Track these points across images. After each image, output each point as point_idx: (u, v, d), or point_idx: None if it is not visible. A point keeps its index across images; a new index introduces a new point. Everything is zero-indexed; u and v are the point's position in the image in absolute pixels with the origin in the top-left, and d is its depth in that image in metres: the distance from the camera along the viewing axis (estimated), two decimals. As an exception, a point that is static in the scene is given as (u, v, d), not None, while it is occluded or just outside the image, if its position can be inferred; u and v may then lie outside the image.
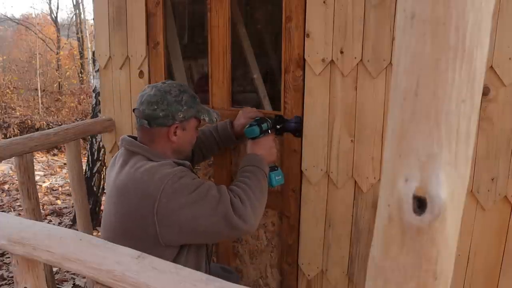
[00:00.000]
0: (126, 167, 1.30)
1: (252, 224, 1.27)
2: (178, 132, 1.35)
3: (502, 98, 1.37)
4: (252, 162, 1.44)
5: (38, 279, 1.07)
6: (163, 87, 1.35)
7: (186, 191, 1.22)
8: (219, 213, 1.22)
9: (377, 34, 1.51)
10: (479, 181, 1.44)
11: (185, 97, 1.35)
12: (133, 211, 1.23)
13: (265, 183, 1.41)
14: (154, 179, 1.22)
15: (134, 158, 1.31)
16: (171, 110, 1.32)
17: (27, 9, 42.49)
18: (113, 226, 1.30)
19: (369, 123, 1.58)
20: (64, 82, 12.35)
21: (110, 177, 1.36)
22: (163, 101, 1.32)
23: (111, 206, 1.30)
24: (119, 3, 2.10)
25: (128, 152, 1.34)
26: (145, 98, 1.34)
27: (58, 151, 6.82)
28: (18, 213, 4.02)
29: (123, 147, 1.37)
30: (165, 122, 1.33)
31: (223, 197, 1.25)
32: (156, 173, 1.23)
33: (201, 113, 1.39)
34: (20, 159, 1.90)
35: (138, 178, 1.24)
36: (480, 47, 0.44)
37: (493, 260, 1.48)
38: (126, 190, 1.25)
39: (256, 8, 2.79)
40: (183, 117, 1.35)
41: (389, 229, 0.50)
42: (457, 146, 0.46)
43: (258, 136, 1.51)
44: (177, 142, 1.36)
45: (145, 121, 1.33)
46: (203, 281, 0.80)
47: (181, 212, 1.20)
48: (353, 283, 1.74)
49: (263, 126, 1.53)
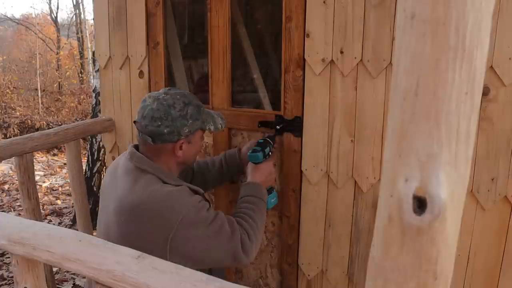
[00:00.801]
0: (137, 186, 1.24)
1: (253, 257, 1.32)
2: (183, 147, 1.32)
3: (502, 98, 1.37)
4: (255, 193, 1.44)
5: (38, 279, 1.07)
6: (166, 99, 1.27)
7: (202, 224, 1.22)
8: (229, 249, 1.25)
9: (377, 34, 1.51)
10: (479, 181, 1.44)
11: (190, 110, 1.30)
12: (144, 233, 1.20)
13: (265, 214, 1.44)
14: (174, 208, 1.20)
15: (145, 177, 1.26)
16: (176, 126, 1.27)
17: (27, 9, 42.51)
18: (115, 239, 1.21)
19: (369, 123, 1.58)
20: (64, 82, 12.35)
21: (116, 191, 1.28)
22: (167, 117, 1.26)
23: (115, 223, 1.24)
24: (119, 3, 2.10)
25: (138, 169, 1.28)
26: (147, 113, 1.27)
27: (58, 151, 6.82)
28: (18, 213, 4.02)
29: (132, 163, 1.30)
30: (171, 139, 1.28)
31: (235, 233, 1.27)
32: (176, 202, 1.21)
33: (207, 123, 1.36)
34: (20, 159, 1.90)
35: (154, 202, 1.20)
36: (480, 47, 0.44)
37: (493, 260, 1.48)
38: (138, 211, 1.20)
39: (256, 8, 2.78)
40: (189, 131, 1.30)
41: (389, 229, 0.50)
42: (457, 146, 0.46)
43: (261, 162, 1.54)
44: (182, 156, 1.34)
45: (148, 137, 1.28)
46: (203, 281, 0.80)
47: (194, 244, 1.21)
48: (353, 283, 1.74)
49: (266, 151, 1.55)
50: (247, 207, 1.40)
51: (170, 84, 2.16)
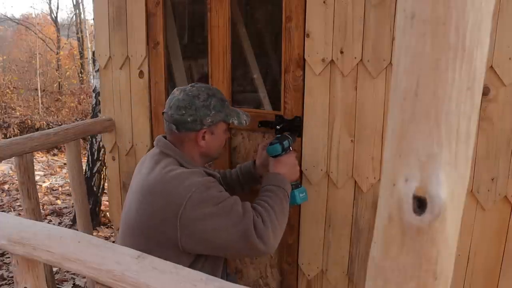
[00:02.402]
0: (157, 167, 1.31)
1: (271, 246, 1.27)
2: (206, 137, 1.36)
3: (502, 98, 1.37)
4: (275, 182, 1.42)
5: (38, 279, 1.07)
6: (192, 91, 1.35)
7: (211, 202, 1.23)
8: (240, 229, 1.22)
9: (377, 34, 1.51)
10: (479, 181, 1.44)
11: (214, 101, 1.35)
12: (157, 212, 1.24)
13: (286, 203, 1.39)
14: (183, 186, 1.23)
15: (165, 160, 1.33)
16: (199, 115, 1.33)
17: (27, 9, 42.53)
18: (132, 222, 1.30)
19: (369, 123, 1.58)
20: (64, 82, 12.35)
21: (140, 173, 1.36)
22: (191, 106, 1.33)
23: (135, 202, 1.31)
24: (119, 3, 2.10)
25: (162, 153, 1.36)
26: (174, 102, 1.35)
27: (58, 151, 6.82)
28: (18, 213, 4.02)
29: (158, 149, 1.38)
30: (194, 127, 1.34)
31: (247, 214, 1.25)
32: (186, 180, 1.24)
33: (230, 116, 1.40)
34: (20, 159, 1.90)
35: (167, 181, 1.25)
36: (480, 47, 0.44)
37: (493, 260, 1.48)
38: (153, 190, 1.26)
39: (256, 8, 2.78)
40: (211, 121, 1.35)
41: (389, 229, 0.50)
42: (457, 146, 0.46)
43: (280, 154, 1.49)
44: (205, 146, 1.37)
45: (173, 125, 1.35)
46: (203, 281, 0.80)
47: (204, 222, 1.21)
48: (353, 283, 1.74)
49: (284, 143, 1.51)
50: (265, 195, 1.37)
51: (170, 84, 2.16)
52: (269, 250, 1.27)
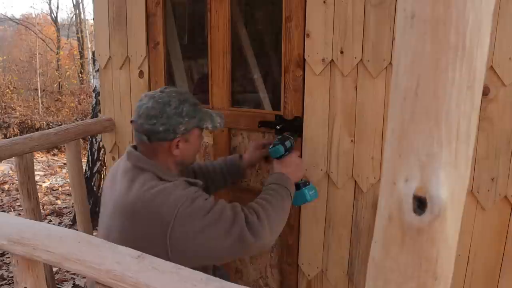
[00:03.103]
0: (135, 185, 1.22)
1: (268, 241, 1.24)
2: (180, 145, 1.29)
3: (502, 98, 1.37)
4: (277, 180, 1.39)
5: (38, 279, 1.07)
6: (162, 97, 1.26)
7: (200, 214, 1.17)
8: (233, 234, 1.18)
9: (377, 34, 1.51)
10: (479, 181, 1.44)
11: (186, 107, 1.27)
12: (144, 234, 1.17)
13: (288, 201, 1.37)
14: (168, 203, 1.16)
15: (143, 175, 1.24)
16: (172, 124, 1.25)
17: (27, 9, 42.53)
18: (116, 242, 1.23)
19: (369, 123, 1.58)
20: (64, 82, 12.35)
21: (114, 190, 1.28)
22: (163, 114, 1.24)
23: (117, 224, 1.22)
24: (119, 3, 2.10)
25: (136, 168, 1.26)
26: (143, 111, 1.26)
27: (58, 151, 6.83)
28: (18, 213, 4.02)
29: (130, 163, 1.29)
30: (166, 137, 1.26)
31: (237, 216, 1.20)
32: (169, 196, 1.18)
33: (204, 121, 1.33)
34: (20, 159, 1.90)
35: (150, 199, 1.18)
36: (480, 46, 0.44)
37: (493, 260, 1.48)
38: (136, 211, 1.19)
39: (256, 8, 2.78)
40: (185, 129, 1.28)
41: (389, 229, 0.50)
42: (457, 146, 0.46)
43: (283, 155, 1.49)
44: (180, 155, 1.30)
45: (144, 136, 1.26)
46: (203, 281, 0.80)
47: (195, 239, 1.16)
48: (353, 283, 1.74)
49: (286, 144, 1.50)
50: (265, 193, 1.35)
51: (170, 84, 2.16)
52: (266, 245, 1.24)
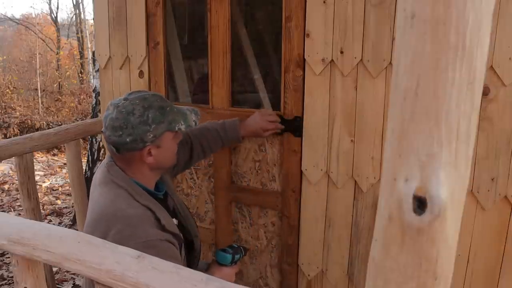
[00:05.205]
0: (107, 200, 1.22)
1: None
2: (153, 152, 1.24)
3: (502, 98, 1.37)
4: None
5: (38, 279, 1.07)
6: (125, 106, 1.21)
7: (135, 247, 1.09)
8: None
9: (377, 34, 1.51)
10: (479, 181, 1.44)
11: (151, 113, 1.21)
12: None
13: None
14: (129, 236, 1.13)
15: (116, 191, 1.22)
16: (139, 134, 1.20)
17: (27, 9, 42.57)
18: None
19: (369, 123, 1.58)
20: (64, 82, 12.36)
21: (91, 201, 1.27)
22: (127, 125, 1.19)
23: (86, 229, 1.22)
24: (119, 3, 2.10)
25: (113, 183, 1.24)
26: (108, 123, 1.21)
27: (58, 151, 6.82)
28: (18, 213, 4.02)
29: (109, 174, 1.26)
30: (135, 147, 1.21)
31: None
32: (133, 228, 1.15)
33: (175, 122, 1.25)
34: (20, 159, 1.90)
35: (113, 219, 1.16)
36: (480, 46, 0.44)
37: (493, 260, 1.48)
38: (101, 223, 1.18)
39: (256, 8, 2.78)
40: (154, 136, 1.21)
41: (389, 229, 0.50)
42: (457, 146, 0.46)
43: (226, 265, 1.46)
44: (154, 161, 1.25)
45: (113, 148, 1.23)
46: (203, 281, 0.80)
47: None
48: (353, 283, 1.74)
49: (236, 257, 1.47)
50: None
51: (170, 84, 2.16)
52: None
